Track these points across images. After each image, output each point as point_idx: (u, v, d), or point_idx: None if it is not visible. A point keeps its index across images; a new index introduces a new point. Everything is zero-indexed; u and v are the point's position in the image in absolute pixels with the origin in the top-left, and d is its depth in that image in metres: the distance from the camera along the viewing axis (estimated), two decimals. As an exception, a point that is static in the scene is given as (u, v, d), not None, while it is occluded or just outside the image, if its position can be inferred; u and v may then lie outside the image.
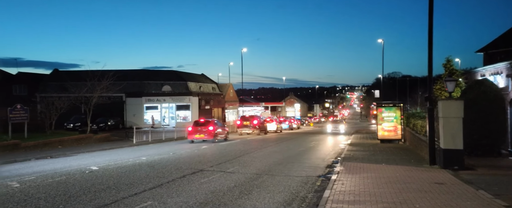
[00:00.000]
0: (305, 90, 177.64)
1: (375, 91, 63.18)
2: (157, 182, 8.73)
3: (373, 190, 7.53)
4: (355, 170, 10.24)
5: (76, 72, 42.13)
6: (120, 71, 33.32)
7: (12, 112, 19.56)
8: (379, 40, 38.61)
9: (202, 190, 7.88)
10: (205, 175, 9.85)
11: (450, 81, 11.48)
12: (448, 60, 21.44)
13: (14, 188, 8.17)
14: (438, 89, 23.10)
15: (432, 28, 11.14)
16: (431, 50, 11.18)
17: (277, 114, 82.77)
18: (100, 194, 7.42)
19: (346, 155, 14.29)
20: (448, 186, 7.87)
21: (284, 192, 7.84)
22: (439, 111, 10.47)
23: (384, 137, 20.47)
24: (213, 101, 50.47)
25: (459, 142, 10.09)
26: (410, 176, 9.29)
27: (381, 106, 21.40)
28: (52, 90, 38.21)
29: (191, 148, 17.92)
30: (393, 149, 16.91)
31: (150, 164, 12.03)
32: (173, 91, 44.37)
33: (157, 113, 42.98)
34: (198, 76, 53.15)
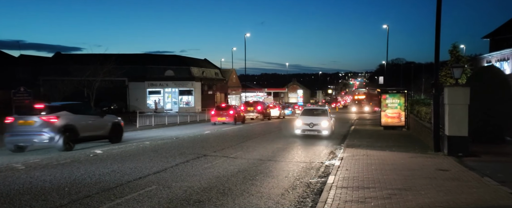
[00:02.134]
0: (308, 76, 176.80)
1: (379, 78, 62.79)
2: (161, 166, 8.75)
3: (378, 177, 7.52)
4: (359, 156, 10.23)
5: (79, 55, 42.04)
6: (122, 55, 33.22)
7: (16, 95, 19.61)
8: (384, 26, 38.16)
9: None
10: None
11: (457, 68, 11.31)
12: (455, 47, 21.16)
13: (20, 170, 8.22)
14: (443, 76, 22.89)
15: (440, 12, 10.89)
16: (439, 36, 10.97)
17: (279, 100, 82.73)
18: (105, 178, 7.45)
19: (350, 142, 14.27)
20: (453, 173, 7.85)
21: (288, 177, 7.84)
22: (445, 98, 10.36)
23: (387, 123, 20.41)
24: (216, 86, 50.40)
25: (464, 129, 10.01)
26: (414, 162, 9.27)
27: (385, 93, 21.25)
28: (54, 73, 38.17)
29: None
30: (397, 135, 16.87)
31: (153, 149, 12.06)
32: (176, 76, 44.27)
33: (160, 98, 43.01)
34: (201, 61, 52.91)
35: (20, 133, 11.23)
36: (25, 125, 11.29)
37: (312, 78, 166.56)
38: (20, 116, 11.69)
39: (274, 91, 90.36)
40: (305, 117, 16.85)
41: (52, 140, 11.16)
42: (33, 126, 11.23)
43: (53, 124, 11.27)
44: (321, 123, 15.98)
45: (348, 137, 16.36)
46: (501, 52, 29.98)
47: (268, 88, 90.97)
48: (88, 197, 5.99)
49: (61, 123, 11.48)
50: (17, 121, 11.40)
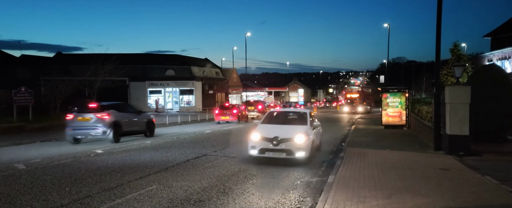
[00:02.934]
0: (309, 75, 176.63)
1: (380, 76, 62.65)
2: (163, 166, 8.76)
3: (378, 176, 7.52)
4: (359, 156, 10.22)
5: (80, 55, 42.09)
6: (123, 55, 33.23)
7: (17, 95, 19.63)
8: (385, 25, 38.07)
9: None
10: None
11: (458, 66, 11.29)
12: (456, 45, 21.08)
13: (21, 170, 8.24)
14: (444, 75, 22.83)
15: (441, 11, 10.87)
16: (439, 34, 10.95)
17: (280, 99, 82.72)
18: (106, 177, 7.47)
19: (350, 141, 14.27)
20: (454, 172, 7.83)
21: (289, 177, 7.84)
22: (446, 97, 10.34)
23: (388, 122, 20.38)
24: (216, 85, 50.40)
25: (465, 128, 10.00)
26: (414, 162, 9.26)
27: (386, 92, 21.21)
28: (55, 73, 38.22)
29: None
30: (398, 135, 16.85)
31: (154, 148, 12.09)
32: (177, 75, 44.29)
33: (161, 97, 43.06)
34: (202, 61, 52.92)
35: (79, 128, 13.38)
36: (83, 121, 13.43)
37: (313, 77, 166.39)
38: (78, 113, 13.69)
39: (275, 90, 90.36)
40: (269, 126, 10.09)
41: (105, 133, 13.37)
42: (89, 122, 13.38)
43: (105, 120, 13.45)
44: (294, 138, 9.10)
45: (349, 135, 16.26)
46: (503, 50, 29.92)
47: (269, 88, 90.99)
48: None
49: (111, 120, 13.60)
50: (77, 118, 13.51)
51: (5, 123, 16.82)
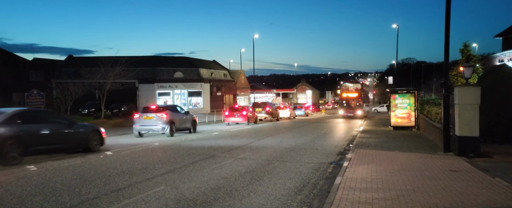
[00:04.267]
0: (317, 77, 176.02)
1: (388, 78, 61.96)
2: (173, 166, 8.84)
3: (386, 177, 7.47)
4: (367, 157, 10.17)
5: (90, 58, 42.65)
6: (132, 58, 33.58)
7: (29, 98, 20.00)
8: (394, 25, 37.76)
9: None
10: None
11: (467, 67, 11.15)
12: (466, 46, 20.85)
13: (32, 171, 8.40)
14: (454, 75, 22.58)
15: (450, 11, 10.77)
16: (448, 35, 10.85)
17: (288, 100, 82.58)
18: (114, 179, 7.57)
19: (359, 142, 14.19)
20: (463, 174, 7.74)
21: (295, 178, 7.84)
22: (455, 98, 10.22)
23: (397, 124, 20.22)
24: (224, 87, 50.59)
25: (475, 129, 9.87)
26: (423, 163, 9.18)
27: (394, 93, 21.06)
28: (67, 76, 38.86)
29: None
30: (406, 136, 16.70)
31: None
32: (185, 77, 44.59)
33: (169, 99, 43.40)
34: (210, 63, 53.18)
35: (143, 124, 16.95)
36: (147, 119, 16.96)
37: (321, 78, 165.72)
38: (143, 113, 17.31)
39: (283, 92, 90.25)
40: None
41: (164, 129, 16.78)
42: (151, 120, 16.87)
43: (163, 119, 16.81)
44: None
45: (358, 137, 16.16)
46: (514, 50, 29.40)
47: (277, 89, 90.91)
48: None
49: (168, 119, 16.93)
50: (142, 117, 17.09)
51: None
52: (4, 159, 8.86)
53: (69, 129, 11.06)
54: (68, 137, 10.92)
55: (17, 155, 9.23)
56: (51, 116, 11.30)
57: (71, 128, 11.17)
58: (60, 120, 11.32)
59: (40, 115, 10.87)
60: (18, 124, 9.53)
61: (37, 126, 10.06)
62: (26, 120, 9.91)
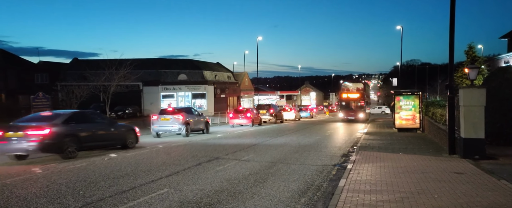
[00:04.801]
0: (321, 79, 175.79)
1: (393, 79, 61.55)
2: (174, 170, 8.87)
3: (390, 180, 7.43)
4: (371, 159, 10.13)
5: (95, 61, 42.92)
6: (137, 60, 33.77)
7: (35, 100, 20.21)
8: (398, 27, 37.66)
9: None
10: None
11: (472, 69, 11.09)
12: (471, 47, 20.72)
13: (37, 174, 8.46)
14: (459, 77, 22.44)
15: (454, 13, 10.73)
16: (453, 36, 10.79)
17: (292, 102, 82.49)
18: (118, 181, 7.60)
19: (363, 144, 14.14)
20: (468, 176, 7.68)
21: (299, 180, 7.83)
22: (460, 100, 10.16)
23: (401, 126, 20.12)
24: (228, 89, 50.65)
25: (481, 131, 9.79)
26: (428, 165, 9.12)
27: (399, 94, 20.97)
28: (72, 78, 39.15)
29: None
30: (411, 138, 16.61)
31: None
32: (189, 79, 44.72)
33: (173, 102, 43.53)
34: (214, 65, 53.30)
35: (161, 125, 18.06)
36: (164, 121, 18.09)
37: (325, 80, 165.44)
38: (161, 115, 18.55)
39: (286, 94, 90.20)
40: None
41: (180, 130, 17.94)
42: (168, 122, 17.98)
43: (180, 120, 17.94)
44: None
45: (362, 139, 16.09)
46: (520, 51, 29.17)
47: (281, 91, 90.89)
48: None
49: (184, 120, 18.01)
50: (160, 118, 18.24)
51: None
52: (64, 153, 10.50)
53: (112, 128, 12.66)
54: (111, 135, 12.50)
55: (74, 150, 10.78)
56: (97, 117, 12.91)
57: (113, 127, 12.78)
58: (104, 120, 12.93)
59: (89, 116, 12.38)
60: (73, 124, 11.11)
61: (87, 126, 11.64)
62: (79, 120, 11.52)
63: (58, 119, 10.85)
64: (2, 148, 10.12)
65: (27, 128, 10.16)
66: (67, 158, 10.48)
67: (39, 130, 10.09)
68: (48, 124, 10.36)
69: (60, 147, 10.35)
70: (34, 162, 10.30)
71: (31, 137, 9.95)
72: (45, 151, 10.29)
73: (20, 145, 9.99)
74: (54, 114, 11.36)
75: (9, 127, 10.52)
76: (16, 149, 10.10)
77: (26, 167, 9.44)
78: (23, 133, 10.01)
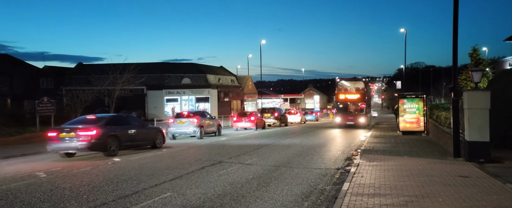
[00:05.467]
0: (325, 82, 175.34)
1: (397, 82, 61.28)
2: (177, 174, 8.88)
3: (394, 183, 7.39)
4: (375, 163, 10.08)
5: (99, 65, 43.17)
6: (141, 64, 33.90)
7: (40, 105, 20.30)
8: (402, 30, 37.58)
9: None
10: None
11: (476, 71, 11.01)
12: (474, 50, 20.63)
13: (42, 178, 8.50)
14: (463, 80, 22.33)
15: (457, 15, 10.70)
16: (456, 39, 10.75)
17: (296, 106, 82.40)
18: (122, 185, 7.62)
19: (367, 147, 14.07)
20: (473, 179, 7.62)
21: (302, 184, 7.80)
22: (465, 102, 10.10)
23: (406, 129, 20.02)
24: (232, 93, 50.71)
25: (486, 134, 9.72)
26: (433, 168, 9.05)
27: (403, 97, 20.88)
28: (76, 83, 39.38)
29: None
30: (415, 141, 16.51)
31: (170, 156, 12.26)
32: (193, 83, 44.85)
33: (177, 105, 43.64)
34: (217, 69, 53.43)
35: (177, 128, 19.17)
36: (180, 124, 19.25)
37: (329, 83, 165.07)
38: (177, 118, 19.81)
39: (290, 97, 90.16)
40: None
41: (195, 132, 19.07)
42: (184, 125, 19.16)
43: (194, 123, 19.10)
44: None
45: (366, 142, 16.05)
46: (525, 54, 28.98)
47: (285, 94, 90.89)
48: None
49: (199, 123, 19.15)
50: (176, 121, 19.39)
51: (29, 133, 17.42)
52: (107, 151, 11.96)
53: (144, 129, 14.08)
54: (143, 136, 13.86)
55: (115, 148, 12.25)
56: (132, 120, 14.38)
57: (145, 128, 14.25)
58: (138, 122, 14.33)
59: (125, 119, 13.92)
60: (113, 126, 12.56)
61: (125, 127, 13.09)
62: (118, 122, 13.01)
63: (101, 121, 12.32)
64: (56, 147, 11.66)
65: (77, 129, 11.64)
66: (109, 155, 11.90)
67: (88, 131, 11.56)
68: (94, 126, 11.79)
69: (104, 146, 11.81)
70: (37, 167, 10.36)
71: (81, 137, 11.44)
72: (92, 149, 11.69)
73: (72, 144, 11.49)
74: (98, 118, 12.80)
75: (61, 129, 11.93)
76: (68, 147, 11.60)
77: (30, 172, 9.50)
78: (74, 133, 11.51)
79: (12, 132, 16.90)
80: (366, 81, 31.57)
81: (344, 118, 28.12)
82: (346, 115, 28.31)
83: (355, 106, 28.48)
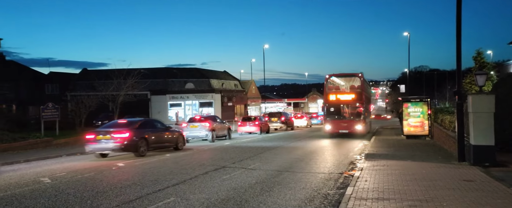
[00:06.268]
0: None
1: (400, 86, 61.01)
2: (181, 178, 8.89)
3: (398, 187, 7.35)
4: (379, 167, 10.03)
5: (104, 71, 43.45)
6: (145, 69, 34.08)
7: (44, 111, 20.48)
8: (405, 34, 37.51)
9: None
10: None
11: (480, 75, 10.98)
12: (479, 53, 20.55)
13: (46, 184, 8.55)
14: (468, 83, 22.22)
15: (460, 18, 10.69)
16: (460, 42, 10.74)
17: (300, 110, 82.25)
18: (126, 190, 7.64)
19: (370, 152, 14.01)
20: (478, 183, 7.56)
21: (306, 189, 7.78)
22: (469, 106, 10.05)
23: (410, 132, 19.92)
24: (235, 97, 50.77)
25: (490, 137, 9.66)
26: (437, 173, 8.99)
27: (407, 101, 20.80)
28: (81, 88, 39.64)
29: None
30: (420, 145, 16.42)
31: (174, 160, 12.28)
32: (196, 88, 44.98)
33: (181, 110, 43.74)
34: (221, 73, 53.58)
35: (190, 132, 19.87)
36: (193, 128, 20.19)
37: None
38: (190, 123, 20.92)
39: (294, 101, 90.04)
40: None
41: (207, 136, 19.96)
42: (197, 129, 20.06)
43: (206, 127, 20.02)
44: None
45: (369, 146, 15.99)
46: (530, 56, 28.77)
47: (288, 99, 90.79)
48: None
49: (211, 127, 20.03)
50: (189, 126, 20.38)
51: (33, 138, 17.53)
52: (138, 152, 13.19)
53: (168, 133, 15.34)
54: (168, 138, 15.19)
55: (144, 149, 13.46)
56: (158, 123, 15.71)
57: (169, 131, 15.48)
58: (162, 126, 15.68)
59: (152, 123, 15.41)
60: (143, 129, 13.79)
61: (152, 130, 14.37)
62: (146, 126, 14.30)
63: (133, 125, 13.64)
64: (94, 147, 12.99)
65: (112, 132, 12.92)
66: (140, 156, 13.06)
67: (122, 133, 12.86)
68: (127, 129, 13.10)
69: (136, 147, 13.08)
70: (42, 172, 10.42)
71: (116, 139, 12.75)
72: (125, 150, 12.96)
73: (108, 145, 12.80)
74: (129, 122, 14.19)
75: (98, 132, 13.31)
76: (104, 148, 12.91)
77: (35, 177, 9.56)
78: (110, 136, 12.83)
79: (16, 138, 17.00)
80: (363, 77, 23.23)
81: (336, 125, 22.15)
82: (338, 122, 22.32)
83: (351, 109, 22.64)
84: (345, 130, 21.92)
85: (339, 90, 24.14)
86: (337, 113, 22.72)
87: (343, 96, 22.89)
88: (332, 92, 23.18)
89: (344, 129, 21.93)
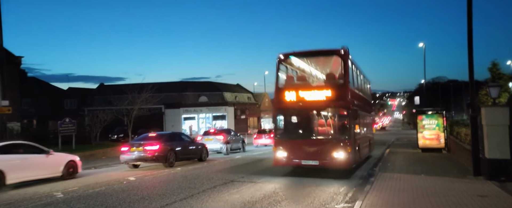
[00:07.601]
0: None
1: (415, 98, 59.86)
2: (189, 193, 8.93)
3: (409, 204, 7.19)
4: (391, 181, 9.83)
5: (119, 86, 44.42)
6: (159, 84, 34.70)
7: (62, 125, 21.01)
8: (420, 44, 37.02)
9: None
10: None
11: (493, 87, 10.75)
12: (494, 64, 20.03)
13: (58, 199, 8.71)
14: (484, 95, 21.65)
15: (472, 28, 10.57)
16: (472, 54, 10.58)
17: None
18: (134, 205, 7.73)
19: (383, 165, 13.75)
20: (492, 199, 7.32)
21: (314, 203, 7.69)
22: (483, 119, 9.81)
23: (425, 145, 19.46)
24: (248, 110, 50.91)
25: (506, 151, 9.37)
26: (450, 188, 8.76)
27: (421, 113, 20.40)
28: (97, 103, 40.61)
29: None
30: (435, 158, 16.02)
31: (183, 175, 12.35)
32: (210, 101, 45.39)
33: (194, 124, 44.11)
34: (234, 86, 54.00)
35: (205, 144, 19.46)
36: (207, 141, 19.91)
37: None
38: (204, 135, 21.38)
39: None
40: None
41: (221, 149, 20.33)
42: (211, 141, 20.17)
43: (221, 140, 20.50)
44: None
45: (382, 159, 15.70)
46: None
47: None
48: None
49: (225, 140, 20.60)
50: (204, 138, 20.69)
51: (50, 152, 17.92)
52: (168, 163, 14.27)
53: (193, 145, 16.58)
54: (193, 150, 16.26)
55: (173, 160, 14.53)
56: (185, 137, 16.99)
57: (194, 144, 16.62)
58: (188, 139, 16.94)
59: (179, 136, 16.48)
60: (171, 142, 14.88)
61: (179, 143, 15.48)
62: (174, 139, 15.40)
63: (162, 138, 14.77)
64: (128, 158, 13.99)
65: (145, 144, 13.95)
66: (169, 167, 14.15)
67: (153, 145, 13.89)
68: (157, 141, 14.18)
69: (165, 158, 14.12)
70: (55, 187, 10.65)
71: (148, 151, 13.78)
72: (156, 161, 13.97)
73: (140, 156, 13.83)
74: (158, 135, 15.40)
75: (132, 144, 14.41)
76: (137, 159, 13.94)
77: (48, 192, 9.78)
78: (142, 148, 13.88)
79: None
80: (348, 54, 11.62)
81: (295, 152, 11.65)
82: (299, 144, 11.73)
83: (325, 118, 11.73)
84: (313, 161, 11.26)
85: (305, 82, 12.68)
86: (300, 126, 12.26)
87: (310, 94, 11.50)
88: (289, 86, 12.00)
89: (312, 160, 11.27)
